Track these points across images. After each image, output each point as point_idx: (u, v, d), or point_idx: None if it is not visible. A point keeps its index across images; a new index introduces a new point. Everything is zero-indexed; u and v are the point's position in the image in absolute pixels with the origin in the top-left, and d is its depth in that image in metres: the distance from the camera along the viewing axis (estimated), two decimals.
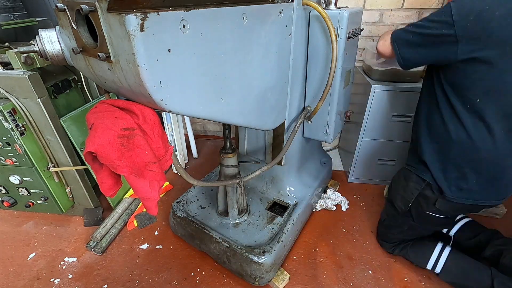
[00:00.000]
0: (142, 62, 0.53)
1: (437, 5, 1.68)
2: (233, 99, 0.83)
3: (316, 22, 1.07)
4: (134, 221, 1.58)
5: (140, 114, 0.67)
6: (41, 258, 1.40)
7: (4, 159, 1.37)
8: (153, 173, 0.70)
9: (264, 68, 0.92)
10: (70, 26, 0.61)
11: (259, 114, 0.99)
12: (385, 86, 1.52)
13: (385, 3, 1.73)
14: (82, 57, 0.65)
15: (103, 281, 1.29)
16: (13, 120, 1.24)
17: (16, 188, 1.49)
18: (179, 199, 1.47)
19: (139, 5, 0.56)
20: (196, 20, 0.61)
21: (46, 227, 1.58)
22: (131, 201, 1.68)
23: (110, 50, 0.56)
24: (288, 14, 0.94)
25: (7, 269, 1.35)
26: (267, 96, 0.99)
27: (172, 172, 2.05)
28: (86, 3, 0.52)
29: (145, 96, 0.61)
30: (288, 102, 1.15)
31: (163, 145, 0.74)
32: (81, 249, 1.44)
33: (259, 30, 0.82)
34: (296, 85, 1.17)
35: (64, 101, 1.47)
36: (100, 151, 0.62)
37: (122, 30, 0.50)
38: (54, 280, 1.30)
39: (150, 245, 1.46)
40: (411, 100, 1.54)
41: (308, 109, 1.26)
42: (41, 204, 1.54)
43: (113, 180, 0.74)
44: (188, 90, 0.67)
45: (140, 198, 0.76)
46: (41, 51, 0.68)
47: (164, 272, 1.32)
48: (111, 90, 0.73)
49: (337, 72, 1.14)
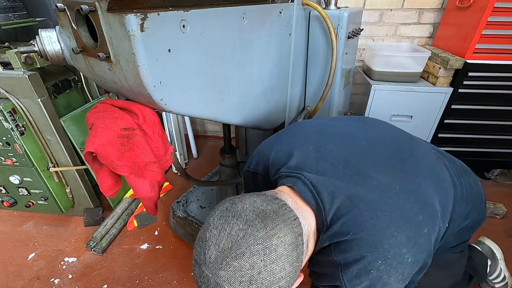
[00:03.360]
0: (142, 62, 0.53)
1: (437, 5, 1.69)
2: (233, 99, 0.83)
3: (316, 22, 1.07)
4: (134, 221, 1.58)
5: (140, 114, 0.67)
6: (41, 258, 1.40)
7: (4, 159, 1.37)
8: (153, 173, 0.70)
9: (264, 68, 0.92)
10: (70, 26, 0.61)
11: (259, 114, 0.99)
12: (385, 86, 1.52)
13: (385, 3, 1.73)
14: (82, 57, 0.65)
15: (103, 281, 1.29)
16: (13, 120, 1.24)
17: (16, 188, 1.49)
18: (179, 199, 1.47)
19: (139, 5, 0.56)
20: (196, 20, 0.61)
21: (46, 227, 1.58)
22: (131, 201, 1.68)
23: (110, 50, 0.56)
24: (288, 14, 0.94)
25: (7, 269, 1.35)
26: (267, 96, 0.99)
27: (172, 172, 2.05)
28: (86, 3, 0.52)
29: (145, 96, 0.61)
30: (288, 102, 1.15)
31: (163, 145, 0.74)
32: (81, 249, 1.44)
33: (259, 30, 0.82)
34: (296, 85, 1.17)
35: (64, 101, 1.47)
36: (100, 151, 0.62)
37: (122, 30, 0.50)
38: (54, 280, 1.30)
39: (150, 245, 1.46)
40: (411, 100, 1.54)
41: (308, 109, 1.26)
42: (41, 204, 1.53)
43: (113, 180, 0.74)
44: (188, 90, 0.67)
45: (140, 198, 0.76)
46: (41, 51, 0.68)
47: (164, 272, 1.32)
48: (111, 90, 0.73)
49: (337, 72, 1.14)
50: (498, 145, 1.65)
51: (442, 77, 1.50)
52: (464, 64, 1.43)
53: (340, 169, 0.61)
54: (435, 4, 1.69)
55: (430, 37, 1.81)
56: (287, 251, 0.48)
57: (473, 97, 1.52)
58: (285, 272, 0.48)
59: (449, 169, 0.74)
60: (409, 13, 1.74)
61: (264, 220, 0.49)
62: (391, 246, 0.52)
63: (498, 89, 1.48)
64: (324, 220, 0.57)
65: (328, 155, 0.64)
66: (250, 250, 0.45)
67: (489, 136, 1.62)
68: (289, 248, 0.48)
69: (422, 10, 1.72)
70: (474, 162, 1.65)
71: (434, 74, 1.54)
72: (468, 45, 1.42)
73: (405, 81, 1.55)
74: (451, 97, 1.52)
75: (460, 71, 1.46)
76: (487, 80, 1.47)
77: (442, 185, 0.66)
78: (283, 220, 0.50)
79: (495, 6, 1.30)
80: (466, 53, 1.43)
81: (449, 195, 0.67)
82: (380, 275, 0.52)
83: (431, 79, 1.58)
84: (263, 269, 0.45)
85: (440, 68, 1.48)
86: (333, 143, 0.68)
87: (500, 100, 1.51)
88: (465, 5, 1.44)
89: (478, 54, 1.42)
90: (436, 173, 0.68)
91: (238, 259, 0.45)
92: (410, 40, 1.83)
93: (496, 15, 1.32)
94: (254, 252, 0.45)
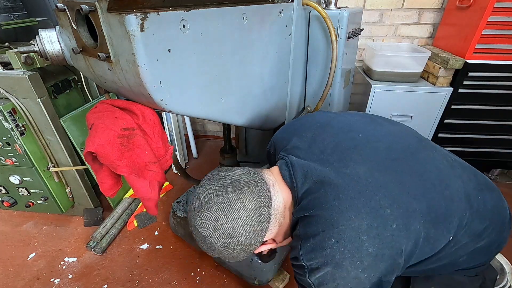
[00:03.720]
0: (142, 62, 0.53)
1: (437, 5, 1.69)
2: (233, 99, 0.83)
3: (316, 22, 1.07)
4: (134, 221, 1.58)
5: (140, 114, 0.67)
6: (41, 258, 1.40)
7: (4, 159, 1.37)
8: (153, 173, 0.70)
9: (264, 68, 0.92)
10: (70, 26, 0.61)
11: (259, 114, 0.99)
12: (385, 86, 1.52)
13: (385, 3, 1.73)
14: (82, 57, 0.65)
15: (103, 281, 1.29)
16: (13, 120, 1.24)
17: (16, 188, 1.49)
18: (179, 199, 1.47)
19: (139, 5, 0.56)
20: (196, 20, 0.61)
21: (46, 227, 1.58)
22: (131, 201, 1.68)
23: (110, 50, 0.56)
24: (288, 14, 0.94)
25: (7, 269, 1.35)
26: (267, 96, 0.99)
27: (172, 172, 2.05)
28: (86, 3, 0.52)
29: (145, 96, 0.61)
30: (288, 102, 1.15)
31: (163, 145, 0.74)
32: (81, 249, 1.44)
33: (259, 30, 0.82)
34: (296, 85, 1.17)
35: (64, 101, 1.47)
36: (100, 151, 0.62)
37: (122, 30, 0.50)
38: (54, 280, 1.30)
39: (150, 245, 1.46)
40: (411, 100, 1.54)
41: (308, 109, 1.26)
42: (41, 204, 1.53)
43: (113, 180, 0.74)
44: (188, 90, 0.67)
45: (140, 198, 0.76)
46: (41, 51, 0.68)
47: (164, 272, 1.32)
48: (111, 90, 0.73)
49: (337, 72, 1.14)
50: (498, 145, 1.65)
51: (442, 77, 1.50)
52: (464, 64, 1.43)
53: (325, 155, 0.66)
54: (435, 4, 1.69)
55: (430, 37, 1.81)
56: (247, 214, 0.59)
57: (473, 97, 1.52)
58: (244, 230, 0.59)
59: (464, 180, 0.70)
60: (409, 13, 1.74)
61: (235, 186, 0.61)
62: (347, 228, 0.55)
63: (498, 89, 1.48)
64: (296, 196, 0.64)
65: (320, 142, 0.70)
66: (217, 205, 0.59)
67: (489, 136, 1.63)
68: (250, 212, 0.60)
69: (422, 10, 1.72)
70: (474, 162, 1.63)
71: (434, 74, 1.54)
72: (468, 45, 1.42)
73: (405, 81, 1.55)
74: (451, 97, 1.52)
75: (460, 71, 1.46)
76: (487, 80, 1.47)
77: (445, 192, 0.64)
78: (251, 190, 0.61)
79: (495, 6, 1.30)
80: (466, 53, 1.43)
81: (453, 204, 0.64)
82: (333, 254, 0.54)
83: (431, 79, 1.58)
84: (224, 223, 0.59)
85: (440, 68, 1.48)
86: (331, 133, 0.72)
87: (500, 100, 1.51)
88: (465, 5, 1.44)
89: (478, 54, 1.42)
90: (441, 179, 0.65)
91: (208, 210, 0.60)
92: (410, 40, 1.83)
93: (496, 15, 1.32)
94: (220, 208, 0.59)
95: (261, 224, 0.61)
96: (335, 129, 0.74)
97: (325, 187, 0.60)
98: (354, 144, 0.68)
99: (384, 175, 0.61)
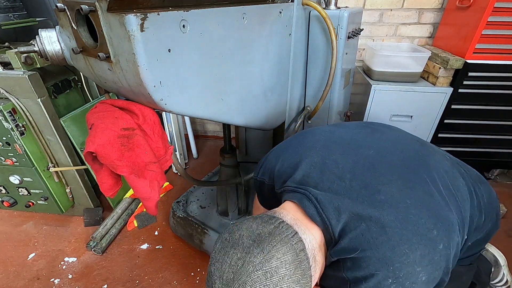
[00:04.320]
0: (142, 62, 0.53)
1: (437, 5, 1.69)
2: (233, 99, 0.83)
3: (316, 22, 1.07)
4: (134, 221, 1.58)
5: (140, 114, 0.67)
6: (41, 258, 1.40)
7: (4, 159, 1.37)
8: (153, 173, 0.70)
9: (264, 68, 0.92)
10: (70, 26, 0.61)
11: (259, 114, 0.99)
12: (385, 86, 1.52)
13: (385, 3, 1.73)
14: (82, 57, 0.65)
15: (103, 281, 1.29)
16: (13, 120, 1.24)
17: (16, 188, 1.49)
18: (179, 199, 1.47)
19: (139, 5, 0.56)
20: (196, 20, 0.61)
21: (46, 227, 1.58)
22: (131, 201, 1.68)
23: (110, 50, 0.56)
24: (288, 14, 0.94)
25: (7, 269, 1.35)
26: (267, 96, 0.99)
27: (172, 172, 2.05)
28: (86, 3, 0.52)
29: (145, 96, 0.61)
30: (288, 102, 1.15)
31: (163, 145, 0.74)
32: (81, 249, 1.44)
33: (259, 30, 0.82)
34: (296, 85, 1.17)
35: (64, 101, 1.47)
36: (100, 151, 0.62)
37: (122, 30, 0.50)
38: (54, 280, 1.30)
39: (150, 245, 1.46)
40: (411, 100, 1.54)
41: (308, 109, 1.26)
42: (41, 204, 1.53)
43: (113, 180, 0.74)
44: (188, 90, 0.67)
45: (140, 198, 0.76)
46: (41, 51, 0.68)
47: (164, 272, 1.32)
48: (111, 90, 0.73)
49: (337, 72, 1.14)
50: (498, 145, 1.65)
51: (442, 77, 1.50)
52: (464, 64, 1.43)
53: (347, 183, 0.59)
54: (435, 4, 1.69)
55: (430, 37, 1.81)
56: (289, 271, 0.47)
57: (473, 97, 1.52)
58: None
59: (465, 177, 0.70)
60: (409, 13, 1.74)
61: (261, 244, 0.49)
62: (402, 265, 0.50)
63: (498, 89, 1.49)
64: (332, 235, 0.56)
65: (334, 167, 0.63)
66: (251, 278, 0.46)
67: (489, 136, 1.63)
68: (291, 267, 0.48)
69: (422, 10, 1.72)
70: (474, 162, 1.64)
71: (434, 74, 1.54)
72: (468, 45, 1.42)
73: (405, 81, 1.55)
74: (451, 97, 1.52)
75: (460, 71, 1.46)
76: (487, 80, 1.47)
77: (459, 194, 0.63)
78: (279, 239, 0.50)
79: (495, 6, 1.30)
80: (466, 53, 1.43)
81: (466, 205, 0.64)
82: None
83: (431, 79, 1.58)
84: None
85: (440, 68, 1.48)
86: (340, 153, 0.66)
87: (500, 100, 1.51)
88: (465, 5, 1.44)
89: (478, 54, 1.42)
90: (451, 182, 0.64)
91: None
92: (410, 40, 1.83)
93: (496, 15, 1.32)
94: (255, 279, 0.45)
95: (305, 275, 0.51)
96: (342, 147, 0.68)
97: (366, 222, 0.53)
98: (370, 163, 0.62)
99: (414, 191, 0.58)
